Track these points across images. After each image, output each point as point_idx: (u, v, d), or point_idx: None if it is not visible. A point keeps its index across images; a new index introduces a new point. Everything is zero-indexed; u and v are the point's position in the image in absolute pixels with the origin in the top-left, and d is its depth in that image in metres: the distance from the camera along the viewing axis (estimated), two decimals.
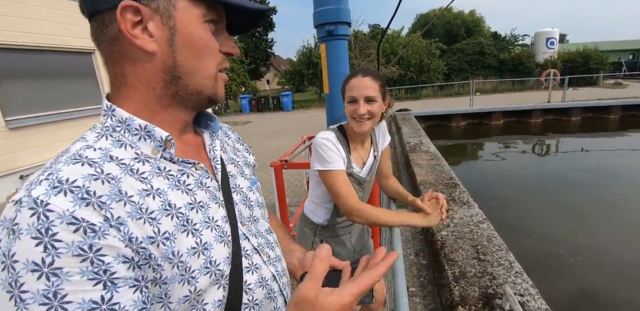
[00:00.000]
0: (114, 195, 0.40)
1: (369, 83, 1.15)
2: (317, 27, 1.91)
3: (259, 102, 18.35)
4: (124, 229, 0.39)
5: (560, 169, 7.15)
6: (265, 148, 7.62)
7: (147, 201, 0.43)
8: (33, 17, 4.55)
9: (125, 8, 0.43)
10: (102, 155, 0.43)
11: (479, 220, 2.37)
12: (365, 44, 17.84)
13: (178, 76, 0.48)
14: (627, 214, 4.70)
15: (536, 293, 1.60)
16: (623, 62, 25.74)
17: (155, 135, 0.47)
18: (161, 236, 0.43)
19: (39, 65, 4.79)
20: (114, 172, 0.42)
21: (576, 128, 11.22)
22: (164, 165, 0.48)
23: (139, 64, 0.47)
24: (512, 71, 21.65)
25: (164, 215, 0.44)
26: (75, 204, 0.37)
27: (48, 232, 0.34)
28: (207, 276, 0.47)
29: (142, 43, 0.45)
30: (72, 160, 0.41)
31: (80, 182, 0.39)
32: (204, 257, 0.47)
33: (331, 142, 1.20)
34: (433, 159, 4.32)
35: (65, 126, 5.10)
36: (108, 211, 0.39)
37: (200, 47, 0.48)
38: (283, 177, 2.41)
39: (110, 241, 0.37)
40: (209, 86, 0.51)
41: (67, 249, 0.34)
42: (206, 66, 0.50)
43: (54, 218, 0.35)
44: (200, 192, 0.51)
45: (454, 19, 26.79)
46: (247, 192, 0.63)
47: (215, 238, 0.50)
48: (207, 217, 0.50)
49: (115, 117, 0.48)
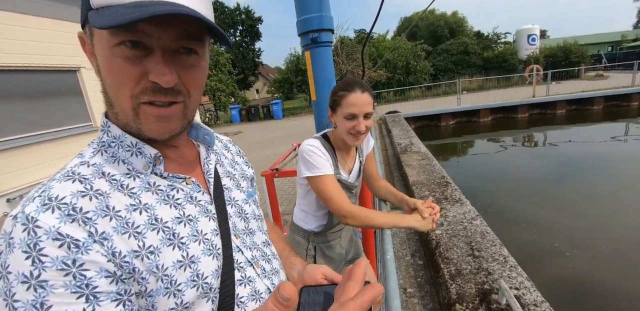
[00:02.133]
0: (100, 211, 0.42)
1: (368, 99, 1.16)
2: (301, 35, 1.93)
3: (249, 112, 18.33)
4: (107, 244, 0.40)
5: (549, 161, 7.25)
6: (257, 158, 7.61)
7: (133, 216, 0.45)
8: (13, 38, 4.53)
9: (80, 38, 0.48)
10: (95, 171, 0.45)
11: (472, 217, 2.40)
12: (352, 48, 18.01)
13: (111, 104, 0.47)
14: (616, 201, 4.77)
15: (531, 286, 1.61)
16: (602, 54, 26.32)
17: (145, 153, 0.49)
18: (145, 250, 0.44)
19: (23, 85, 4.75)
20: (103, 188, 0.44)
21: (562, 120, 11.42)
22: (153, 181, 0.49)
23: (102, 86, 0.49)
24: (496, 68, 22.00)
25: (149, 229, 0.45)
26: (60, 220, 0.39)
27: (36, 246, 0.37)
28: (193, 290, 0.47)
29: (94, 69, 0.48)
30: (64, 177, 0.43)
31: (68, 198, 0.41)
32: (191, 270, 0.47)
33: (317, 148, 1.21)
34: (424, 159, 4.36)
35: (51, 145, 5.04)
36: (93, 226, 0.40)
37: (109, 74, 0.44)
38: (275, 185, 2.42)
39: (92, 256, 0.39)
40: (130, 119, 0.46)
41: (52, 263, 0.36)
42: (119, 96, 0.44)
43: (42, 234, 0.37)
44: (189, 206, 0.51)
45: (437, 21, 27.23)
46: (243, 204, 0.63)
47: (203, 251, 0.50)
48: (195, 230, 0.50)
49: (110, 133, 0.49)
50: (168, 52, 0.43)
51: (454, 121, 12.29)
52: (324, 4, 1.84)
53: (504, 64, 22.22)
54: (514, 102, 12.05)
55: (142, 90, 0.43)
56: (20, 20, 4.60)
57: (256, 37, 30.29)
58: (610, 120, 10.85)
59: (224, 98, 18.69)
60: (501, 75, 18.94)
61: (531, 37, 22.86)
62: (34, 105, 4.89)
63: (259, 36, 30.41)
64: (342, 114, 1.18)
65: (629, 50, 26.97)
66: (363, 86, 1.18)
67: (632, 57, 18.93)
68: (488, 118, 12.15)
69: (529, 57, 22.06)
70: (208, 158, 0.59)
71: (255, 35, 30.24)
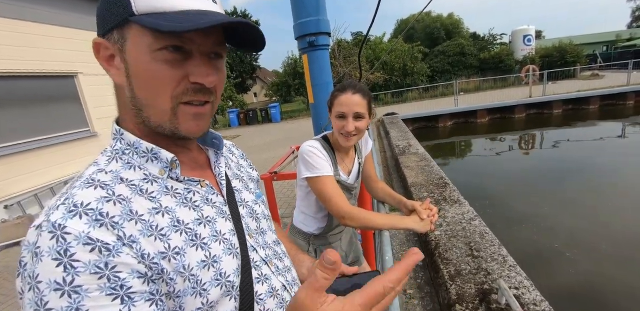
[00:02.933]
0: (125, 215, 0.43)
1: (359, 100, 1.18)
2: (298, 39, 1.94)
3: (247, 115, 18.34)
4: (136, 246, 0.41)
5: (546, 161, 7.28)
6: (255, 161, 7.56)
7: (156, 218, 0.46)
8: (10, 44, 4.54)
9: (96, 44, 0.47)
10: (113, 177, 0.46)
11: (471, 217, 2.40)
12: (349, 51, 18.07)
13: (139, 108, 0.48)
14: (615, 200, 4.79)
15: (530, 285, 1.62)
16: (598, 54, 26.49)
17: (162, 157, 0.50)
18: (171, 251, 0.45)
19: (20, 91, 4.75)
20: (124, 193, 0.45)
21: (559, 120, 11.47)
22: (170, 184, 0.51)
23: (118, 93, 0.51)
24: (493, 69, 22.09)
25: (173, 231, 0.46)
26: (89, 226, 0.39)
27: (67, 252, 0.37)
28: (218, 288, 0.49)
29: (112, 75, 0.48)
30: (85, 184, 0.44)
31: (93, 204, 0.41)
32: (214, 269, 0.49)
33: (317, 149, 1.22)
34: (422, 160, 4.37)
35: (49, 151, 5.04)
36: (120, 230, 0.41)
37: (148, 78, 0.46)
38: (274, 188, 2.42)
39: (123, 258, 0.39)
40: (166, 120, 0.48)
41: (84, 267, 0.37)
42: (158, 99, 0.47)
43: (71, 240, 0.38)
44: (206, 208, 0.53)
45: (434, 23, 27.38)
46: (253, 205, 0.65)
47: (223, 250, 0.51)
48: (214, 230, 0.52)
49: (124, 140, 0.50)
50: (205, 55, 0.48)
51: (451, 122, 12.33)
52: (321, 8, 1.86)
53: (500, 64, 22.33)
54: (511, 103, 12.10)
55: (182, 91, 0.47)
56: (17, 26, 4.61)
57: None
58: (606, 119, 10.91)
59: (222, 102, 18.71)
60: (498, 75, 19.02)
61: (527, 37, 23.01)
62: (32, 111, 4.89)
63: None
64: (334, 114, 1.22)
65: (623, 50, 27.17)
66: (356, 88, 1.20)
67: (626, 57, 19.08)
68: (485, 118, 12.20)
69: (525, 57, 22.18)
70: (218, 161, 0.62)
71: None
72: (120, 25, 0.45)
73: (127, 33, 0.45)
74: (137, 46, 0.45)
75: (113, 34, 0.46)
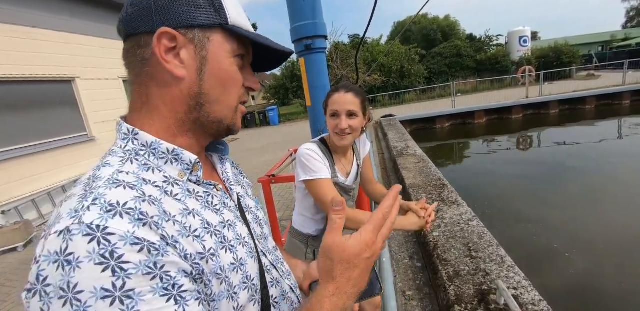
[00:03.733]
0: (163, 215, 0.41)
1: (351, 98, 1.20)
2: (295, 42, 1.95)
3: (245, 118, 18.34)
4: (179, 247, 0.40)
5: (544, 161, 7.31)
6: (254, 164, 7.60)
7: (189, 220, 0.45)
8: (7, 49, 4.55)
9: (162, 34, 0.46)
10: (136, 178, 0.44)
11: (469, 218, 2.41)
12: (346, 54, 18.13)
13: (202, 103, 0.50)
14: (614, 199, 4.81)
15: (529, 285, 1.63)
16: (593, 54, 26.67)
17: (184, 159, 0.49)
18: (208, 252, 0.44)
19: (18, 96, 4.75)
20: (154, 194, 0.43)
21: (556, 120, 11.53)
22: (192, 188, 0.50)
23: (166, 87, 0.49)
24: (489, 70, 22.20)
25: (205, 233, 0.46)
26: (134, 225, 0.37)
27: (114, 254, 0.34)
28: (245, 291, 0.49)
29: (172, 68, 0.47)
30: (112, 184, 0.41)
31: (131, 203, 0.39)
32: (242, 272, 0.49)
33: (315, 152, 1.23)
34: (420, 162, 4.38)
35: (48, 156, 5.03)
36: (163, 230, 0.39)
37: (226, 78, 0.51)
38: (272, 191, 2.42)
39: (171, 258, 0.38)
40: (229, 116, 0.53)
41: (136, 269, 0.35)
42: (229, 97, 0.52)
43: (117, 241, 0.35)
44: (226, 212, 0.53)
45: (430, 25, 27.52)
46: (255, 211, 0.66)
47: (247, 254, 0.52)
48: (237, 234, 0.52)
49: (138, 141, 0.48)
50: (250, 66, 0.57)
51: (449, 123, 12.37)
52: (317, 11, 1.87)
53: (497, 65, 22.44)
54: (508, 103, 12.16)
55: (242, 93, 0.55)
56: (13, 32, 4.62)
57: None
58: (603, 118, 10.96)
59: None
60: (494, 77, 19.13)
61: (523, 38, 23.16)
62: (29, 116, 4.89)
63: None
64: (328, 113, 1.24)
65: (618, 50, 27.37)
66: (349, 88, 1.23)
67: (622, 57, 19.19)
68: (483, 119, 12.25)
69: (521, 58, 22.31)
70: (224, 167, 0.62)
71: None
72: (207, 27, 0.48)
73: (213, 35, 0.49)
74: (220, 49, 0.50)
75: (194, 32, 0.48)
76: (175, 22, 0.47)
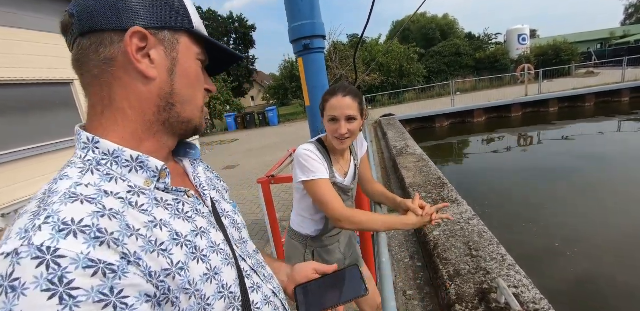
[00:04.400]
0: (124, 230, 0.38)
1: (350, 102, 1.17)
2: (293, 42, 1.94)
3: (244, 119, 18.35)
4: (142, 264, 0.37)
5: (545, 159, 7.30)
6: (253, 165, 7.60)
7: (155, 233, 0.42)
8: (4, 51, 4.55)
9: (135, 33, 0.45)
10: (97, 190, 0.40)
11: (469, 217, 2.41)
12: (345, 53, 18.14)
13: (172, 103, 0.50)
14: (615, 197, 4.80)
15: (530, 284, 1.62)
16: (592, 52, 26.67)
17: (150, 166, 0.46)
18: (175, 267, 0.41)
19: (15, 99, 4.75)
20: (116, 207, 0.40)
21: (555, 118, 11.53)
22: (160, 196, 0.47)
23: (133, 88, 0.46)
24: (489, 69, 22.21)
25: (174, 245, 0.43)
26: (89, 245, 0.34)
27: (62, 280, 0.31)
28: (221, 301, 0.47)
29: (143, 68, 0.46)
30: (67, 199, 0.37)
31: (88, 220, 0.36)
32: (216, 282, 0.47)
33: (313, 152, 1.22)
34: (420, 161, 4.38)
35: (47, 158, 5.03)
36: (124, 247, 0.36)
37: (195, 79, 0.53)
38: (271, 192, 2.42)
39: (131, 279, 0.35)
40: (198, 116, 0.55)
41: (87, 296, 0.31)
42: (197, 97, 0.54)
43: (67, 265, 0.32)
44: (199, 218, 0.51)
45: (429, 24, 27.52)
46: (233, 215, 0.64)
47: (222, 261, 0.50)
48: (210, 241, 0.50)
49: (99, 150, 0.45)
50: None
51: (448, 122, 12.37)
52: (315, 11, 1.86)
53: (496, 64, 22.45)
54: (507, 102, 12.16)
55: (204, 94, 0.57)
56: (11, 34, 4.62)
57: (250, 44, 30.49)
58: (602, 115, 10.96)
59: (219, 107, 18.71)
60: (493, 75, 19.13)
61: (522, 36, 23.17)
62: (29, 119, 4.89)
63: (252, 44, 30.61)
64: (326, 118, 1.22)
65: (617, 47, 27.36)
66: (346, 90, 1.20)
67: (621, 54, 19.21)
68: (482, 118, 12.24)
69: (520, 56, 22.32)
70: (196, 171, 0.60)
71: (249, 43, 30.44)
72: (175, 30, 0.50)
73: (181, 38, 0.51)
74: (188, 51, 0.51)
75: (164, 33, 0.48)
76: (146, 22, 0.46)
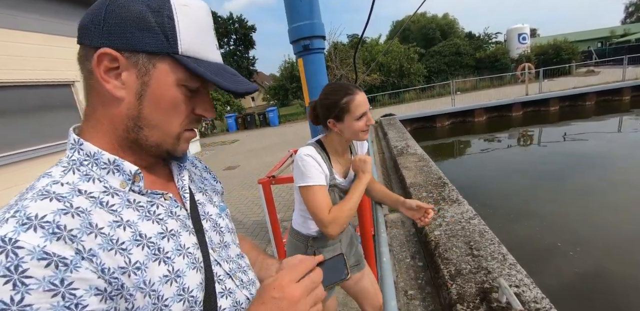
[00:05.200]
0: (85, 228, 0.41)
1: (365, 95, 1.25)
2: (293, 43, 1.95)
3: (245, 120, 18.36)
4: (96, 261, 0.40)
5: (546, 158, 7.29)
6: (254, 166, 7.61)
7: (117, 232, 0.44)
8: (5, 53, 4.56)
9: (103, 54, 0.45)
10: (70, 189, 0.44)
11: (470, 216, 2.41)
12: (345, 53, 18.15)
13: (140, 126, 0.50)
14: (617, 196, 4.79)
15: (531, 283, 1.62)
16: (593, 51, 26.63)
17: (124, 169, 0.49)
18: (132, 266, 0.43)
19: (16, 101, 4.76)
20: (83, 205, 0.43)
21: (556, 117, 11.51)
22: (133, 198, 0.49)
23: (107, 104, 0.49)
24: (489, 68, 22.20)
25: (134, 246, 0.45)
26: (46, 239, 0.37)
27: (18, 268, 0.34)
28: (180, 304, 0.48)
29: (111, 88, 0.47)
30: (39, 196, 0.41)
31: (50, 217, 0.39)
32: (177, 285, 0.48)
33: (312, 157, 1.22)
34: (420, 161, 4.38)
35: (47, 160, 5.04)
36: (79, 244, 0.39)
37: (168, 107, 0.50)
38: (272, 192, 2.43)
39: (82, 273, 0.38)
40: (169, 142, 0.52)
41: (37, 284, 0.34)
42: (169, 124, 0.51)
43: (24, 255, 0.35)
44: (171, 221, 0.52)
45: (429, 23, 27.54)
46: (217, 218, 0.64)
47: (187, 265, 0.51)
48: (178, 244, 0.51)
49: (82, 151, 0.49)
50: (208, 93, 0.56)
51: (449, 122, 12.35)
52: (315, 12, 1.86)
53: (496, 63, 22.44)
54: (508, 101, 12.14)
55: (189, 120, 0.53)
56: (12, 36, 4.63)
57: (250, 45, 30.54)
58: (603, 114, 10.94)
59: (220, 107, 18.75)
60: (494, 74, 19.11)
61: (522, 36, 23.15)
62: (28, 121, 4.90)
63: (252, 44, 30.66)
64: (353, 118, 1.20)
65: (618, 46, 27.32)
66: (357, 87, 1.25)
67: (621, 52, 19.18)
68: (483, 117, 12.23)
69: (521, 55, 22.30)
70: (181, 174, 0.61)
71: (249, 44, 30.49)
72: (154, 54, 0.47)
73: (159, 62, 0.47)
74: (166, 77, 0.48)
75: (138, 56, 0.47)
76: (121, 44, 0.46)
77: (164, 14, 0.46)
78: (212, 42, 0.52)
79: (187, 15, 0.48)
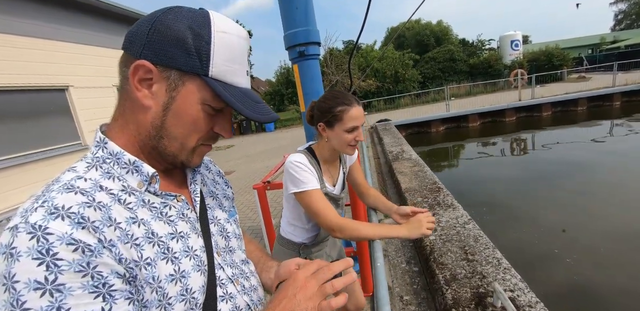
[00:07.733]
0: (105, 221, 0.44)
1: (362, 111, 1.23)
2: (289, 49, 1.96)
3: (240, 125, 18.37)
4: (115, 250, 0.43)
5: (539, 163, 7.35)
6: (249, 171, 7.58)
7: (132, 228, 0.47)
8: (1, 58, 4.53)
9: (140, 65, 0.49)
10: (93, 185, 0.47)
11: (465, 221, 2.42)
12: (341, 59, 18.30)
13: (161, 136, 0.53)
14: (613, 201, 4.83)
15: (525, 287, 1.63)
16: (584, 57, 27.11)
17: (143, 171, 0.52)
18: (143, 261, 0.46)
19: (10, 106, 4.72)
20: (104, 201, 0.46)
21: (548, 122, 11.65)
22: (148, 198, 0.52)
23: (136, 109, 0.52)
24: (482, 74, 22.49)
25: (146, 242, 0.48)
26: (72, 227, 0.40)
27: (49, 252, 0.37)
28: (182, 304, 0.49)
29: (141, 96, 0.51)
30: (65, 189, 0.44)
31: (75, 208, 0.42)
32: (181, 285, 0.50)
33: (303, 163, 1.21)
34: (415, 166, 4.40)
35: (42, 165, 4.99)
36: (101, 234, 0.42)
37: (189, 122, 0.53)
38: (267, 198, 2.42)
39: (105, 259, 0.41)
40: (184, 154, 0.56)
41: (69, 266, 0.38)
42: (187, 139, 0.54)
43: (54, 240, 0.38)
44: (181, 223, 0.55)
45: (423, 30, 27.87)
46: (225, 223, 0.66)
47: (193, 267, 0.52)
48: (186, 246, 0.53)
49: (106, 150, 0.52)
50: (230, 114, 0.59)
51: (443, 127, 12.45)
52: (310, 18, 1.88)
53: (489, 69, 22.73)
54: (501, 106, 12.28)
55: (208, 137, 0.56)
56: (5, 40, 4.61)
57: None
58: (594, 119, 11.10)
59: None
60: (487, 80, 19.36)
61: (514, 42, 23.53)
62: (23, 126, 4.85)
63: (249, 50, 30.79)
64: (343, 128, 1.19)
65: (608, 52, 27.84)
66: (356, 99, 1.23)
67: (611, 59, 19.53)
68: (477, 123, 12.35)
69: (513, 62, 22.62)
70: (194, 178, 0.64)
71: None
72: (186, 72, 0.50)
73: (189, 81, 0.51)
74: (192, 94, 0.51)
75: (171, 72, 0.50)
76: (158, 59, 0.49)
77: (203, 38, 0.49)
78: (243, 69, 0.55)
79: (224, 42, 0.51)
